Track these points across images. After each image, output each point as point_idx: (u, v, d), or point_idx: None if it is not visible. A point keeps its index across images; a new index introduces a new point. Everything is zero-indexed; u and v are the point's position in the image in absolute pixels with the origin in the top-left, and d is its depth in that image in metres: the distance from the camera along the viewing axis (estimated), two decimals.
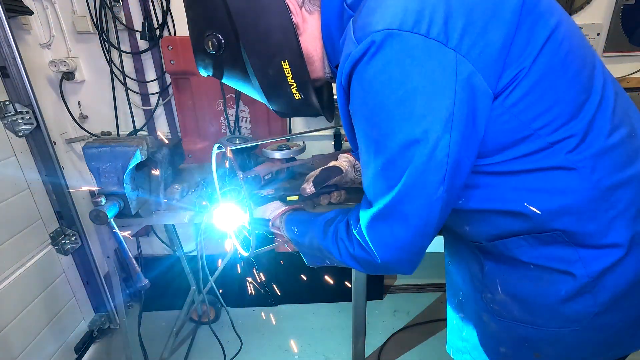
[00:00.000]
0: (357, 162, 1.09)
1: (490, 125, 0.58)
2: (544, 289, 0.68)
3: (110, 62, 1.76)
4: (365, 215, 0.65)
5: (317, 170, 1.06)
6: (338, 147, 1.90)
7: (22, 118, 1.50)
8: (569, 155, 0.59)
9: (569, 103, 0.59)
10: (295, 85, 0.71)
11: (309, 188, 1.00)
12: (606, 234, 0.62)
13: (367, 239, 0.65)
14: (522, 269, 0.69)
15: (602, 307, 0.65)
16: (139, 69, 1.80)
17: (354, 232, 0.68)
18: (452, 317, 0.94)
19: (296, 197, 1.07)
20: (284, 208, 0.92)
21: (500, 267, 0.73)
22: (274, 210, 0.92)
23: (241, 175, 0.89)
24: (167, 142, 1.27)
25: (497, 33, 0.54)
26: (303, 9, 0.68)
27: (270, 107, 0.79)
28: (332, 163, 1.09)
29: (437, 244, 2.41)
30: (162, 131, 1.94)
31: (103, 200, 1.02)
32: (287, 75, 0.70)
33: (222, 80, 0.79)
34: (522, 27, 0.55)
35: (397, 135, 0.57)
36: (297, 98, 0.73)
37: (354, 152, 0.73)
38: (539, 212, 0.62)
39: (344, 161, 1.11)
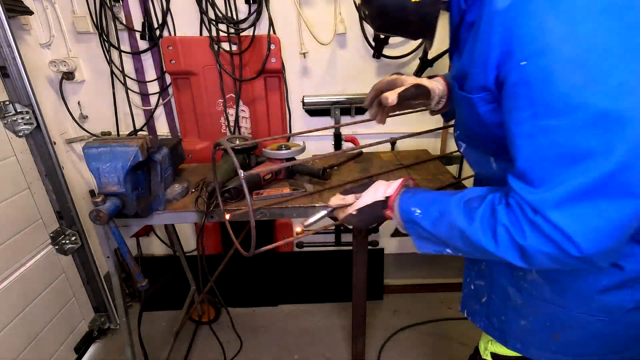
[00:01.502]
0: (444, 94, 0.92)
1: None
2: (585, 276, 0.66)
3: (110, 62, 1.76)
4: (547, 197, 0.53)
5: (407, 85, 0.90)
6: (338, 147, 1.90)
7: (22, 118, 1.50)
8: None
9: None
10: None
11: (391, 97, 0.83)
12: None
13: (563, 226, 0.52)
14: None
15: (638, 304, 0.65)
16: (139, 69, 1.80)
17: (533, 218, 0.54)
18: (470, 282, 0.90)
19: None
20: (398, 183, 0.79)
21: None
22: (387, 187, 0.79)
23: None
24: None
25: None
26: None
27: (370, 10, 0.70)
28: (422, 82, 0.92)
29: None
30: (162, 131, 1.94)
31: (103, 200, 1.02)
32: None
33: None
34: None
35: (610, 79, 0.47)
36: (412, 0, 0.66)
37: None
38: None
39: (433, 81, 0.94)
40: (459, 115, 0.76)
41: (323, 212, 0.90)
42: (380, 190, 0.79)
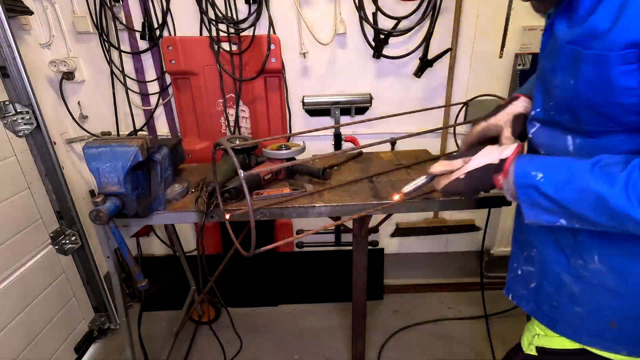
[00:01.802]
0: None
1: None
2: None
3: (110, 62, 1.76)
4: None
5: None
6: (338, 147, 1.90)
7: (22, 118, 1.50)
8: None
9: None
10: None
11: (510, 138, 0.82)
12: None
13: None
14: (631, 245, 0.66)
15: None
16: (139, 69, 1.80)
17: None
18: (518, 267, 0.90)
19: None
20: (514, 146, 0.74)
21: (602, 238, 0.69)
22: (502, 151, 0.74)
23: None
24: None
25: None
26: None
27: None
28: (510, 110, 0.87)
29: (436, 244, 2.41)
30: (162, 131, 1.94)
31: (103, 200, 1.02)
32: None
33: None
34: None
35: None
36: None
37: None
38: None
39: (519, 106, 0.88)
40: (552, 85, 0.72)
41: (423, 179, 0.85)
42: (494, 153, 0.74)
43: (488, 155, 0.74)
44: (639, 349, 0.72)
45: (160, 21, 1.70)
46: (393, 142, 1.92)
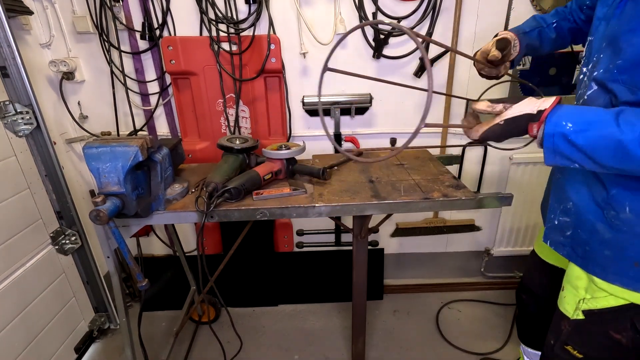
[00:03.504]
0: (515, 40, 1.08)
1: None
2: None
3: (110, 62, 1.76)
4: None
5: (493, 41, 1.07)
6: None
7: (22, 118, 1.50)
8: None
9: None
10: None
11: (497, 52, 1.02)
12: None
13: None
14: None
15: None
16: (139, 69, 1.80)
17: None
18: (554, 218, 1.02)
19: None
20: (553, 98, 0.81)
21: (632, 192, 0.81)
22: (541, 102, 0.81)
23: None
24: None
25: None
26: None
27: None
28: (501, 34, 1.09)
29: (436, 244, 2.41)
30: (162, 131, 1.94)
31: (103, 200, 1.02)
32: None
33: None
34: None
35: None
36: None
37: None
38: None
39: (506, 34, 1.09)
40: (629, 44, 0.78)
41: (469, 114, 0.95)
42: (534, 104, 0.81)
43: (528, 105, 0.82)
44: None
45: (160, 21, 1.70)
46: (393, 142, 1.92)
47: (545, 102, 0.80)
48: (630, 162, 0.71)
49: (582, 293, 0.95)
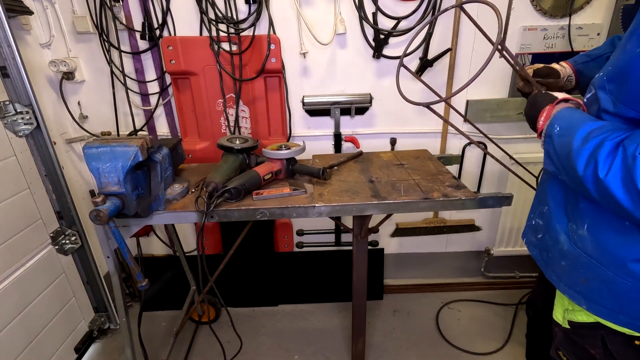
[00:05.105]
0: (570, 74, 1.13)
1: None
2: (626, 245, 0.76)
3: (110, 62, 1.76)
4: None
5: (539, 65, 1.14)
6: (338, 148, 1.90)
7: (22, 118, 1.50)
8: None
9: None
10: None
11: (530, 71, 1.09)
12: None
13: None
14: (618, 222, 0.76)
15: None
16: (139, 69, 1.80)
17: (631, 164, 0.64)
18: (533, 218, 1.05)
19: None
20: (569, 96, 0.87)
21: (596, 210, 0.81)
22: (563, 95, 0.88)
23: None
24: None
25: None
26: None
27: None
28: (553, 65, 1.14)
29: (436, 244, 2.41)
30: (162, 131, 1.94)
31: (103, 200, 1.02)
32: None
33: None
34: None
35: None
36: None
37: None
38: None
39: (561, 67, 1.13)
40: (621, 48, 0.78)
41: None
42: (559, 94, 0.89)
43: (555, 93, 0.90)
44: (595, 306, 0.84)
45: (160, 21, 1.70)
46: (393, 142, 1.92)
47: (563, 96, 0.86)
48: (570, 172, 0.74)
49: (566, 303, 0.96)
